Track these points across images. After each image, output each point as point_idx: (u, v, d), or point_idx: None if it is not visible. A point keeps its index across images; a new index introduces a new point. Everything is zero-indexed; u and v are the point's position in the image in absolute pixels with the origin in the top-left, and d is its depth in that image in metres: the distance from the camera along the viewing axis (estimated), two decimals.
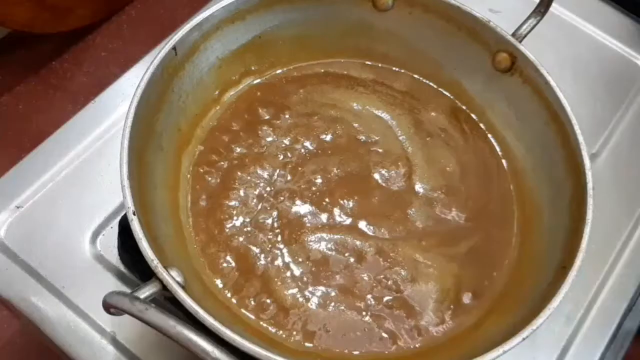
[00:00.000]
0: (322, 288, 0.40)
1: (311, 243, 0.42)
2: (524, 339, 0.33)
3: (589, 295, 0.49)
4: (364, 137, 0.47)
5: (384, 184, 0.45)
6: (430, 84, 0.50)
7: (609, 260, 0.51)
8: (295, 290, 0.40)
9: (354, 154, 0.46)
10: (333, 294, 0.40)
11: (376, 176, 0.45)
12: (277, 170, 0.44)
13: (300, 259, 0.41)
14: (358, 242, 0.42)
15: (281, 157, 0.45)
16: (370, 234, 0.43)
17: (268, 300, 0.39)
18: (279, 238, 0.42)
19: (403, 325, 0.40)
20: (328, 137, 0.46)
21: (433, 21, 0.46)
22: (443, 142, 0.47)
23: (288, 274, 0.40)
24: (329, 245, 0.42)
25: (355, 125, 0.47)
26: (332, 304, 0.40)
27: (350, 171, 0.45)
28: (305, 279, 0.40)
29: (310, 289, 0.40)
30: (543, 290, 0.36)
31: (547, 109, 0.43)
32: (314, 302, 0.40)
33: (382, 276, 0.41)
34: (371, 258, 0.42)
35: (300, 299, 0.40)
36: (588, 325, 0.48)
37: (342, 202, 0.44)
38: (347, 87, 0.49)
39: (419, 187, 0.45)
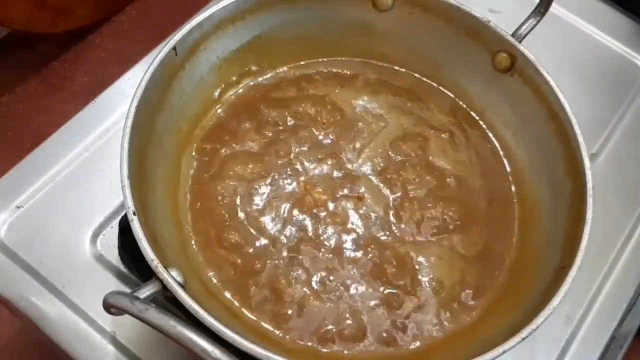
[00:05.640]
0: (323, 287, 0.40)
1: (312, 242, 0.42)
2: (523, 339, 0.33)
3: (589, 295, 0.49)
4: (365, 135, 0.47)
5: (386, 182, 0.45)
6: (432, 83, 0.50)
7: (609, 260, 0.51)
8: (295, 290, 0.40)
9: (356, 152, 0.46)
10: (334, 292, 0.40)
11: (378, 174, 0.45)
12: (278, 170, 0.44)
13: (301, 259, 0.41)
14: (362, 240, 0.42)
15: (282, 157, 0.45)
16: (374, 232, 0.43)
17: (268, 300, 0.39)
18: (280, 238, 0.42)
19: (403, 323, 0.40)
20: (329, 136, 0.46)
21: (433, 21, 0.46)
22: (445, 141, 0.47)
23: (288, 273, 0.40)
24: (331, 244, 0.42)
25: (357, 123, 0.47)
26: (333, 302, 0.40)
27: (353, 170, 0.45)
28: (305, 278, 0.40)
29: (311, 287, 0.40)
30: (543, 290, 0.36)
31: (547, 109, 0.43)
32: (314, 301, 0.40)
33: (384, 274, 0.41)
34: (375, 255, 0.42)
35: (300, 298, 0.40)
36: (588, 325, 0.48)
37: (344, 200, 0.44)
38: (348, 86, 0.49)
39: (420, 185, 0.45)
